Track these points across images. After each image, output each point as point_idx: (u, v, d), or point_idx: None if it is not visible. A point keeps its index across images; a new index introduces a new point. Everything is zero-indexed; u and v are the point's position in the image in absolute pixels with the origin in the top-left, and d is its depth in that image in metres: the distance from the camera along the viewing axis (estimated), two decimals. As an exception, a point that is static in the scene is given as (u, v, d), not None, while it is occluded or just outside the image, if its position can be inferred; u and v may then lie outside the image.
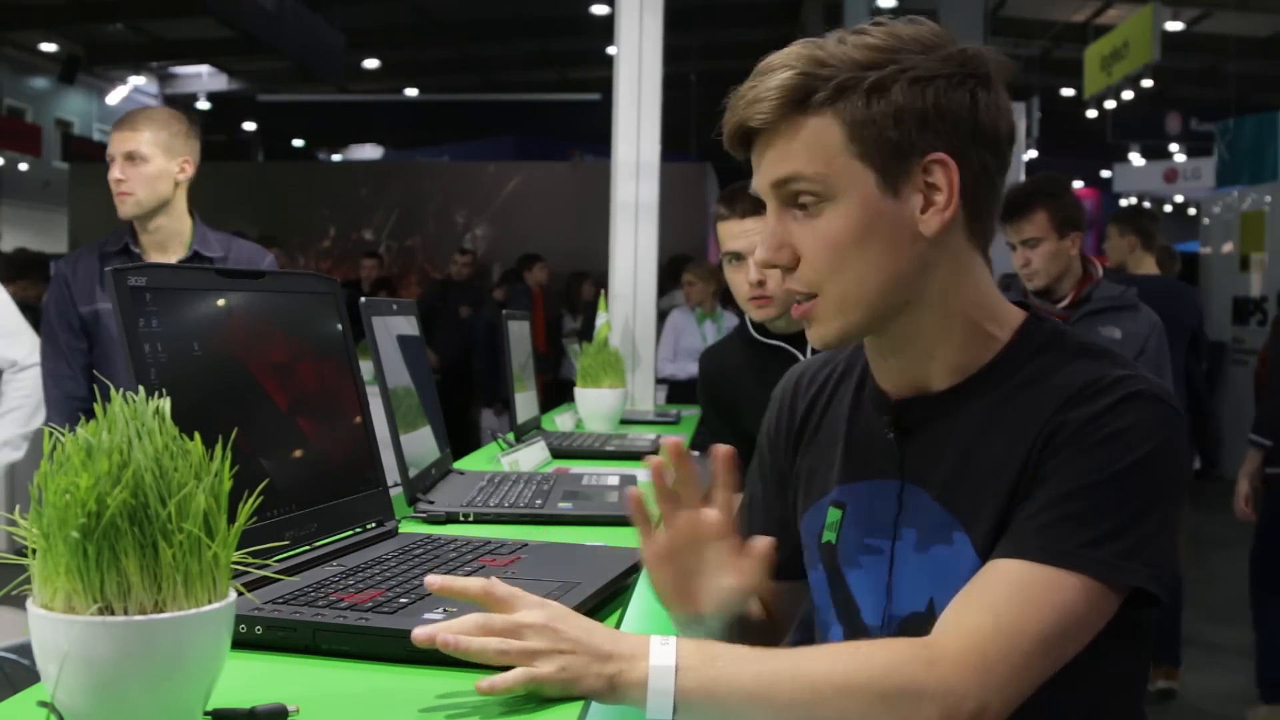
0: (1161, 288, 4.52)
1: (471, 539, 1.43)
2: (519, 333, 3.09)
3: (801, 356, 2.43)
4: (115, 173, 2.77)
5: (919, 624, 1.12)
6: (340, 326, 1.48)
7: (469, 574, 1.25)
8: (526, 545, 1.42)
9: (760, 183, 1.12)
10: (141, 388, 0.84)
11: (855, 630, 1.21)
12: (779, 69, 1.08)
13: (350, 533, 1.40)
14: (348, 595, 1.12)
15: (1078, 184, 28.22)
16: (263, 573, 0.98)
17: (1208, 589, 5.42)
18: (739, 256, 2.29)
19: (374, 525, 1.45)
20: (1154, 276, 4.71)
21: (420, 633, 0.97)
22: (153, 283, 1.15)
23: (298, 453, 1.33)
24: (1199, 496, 4.96)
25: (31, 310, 7.80)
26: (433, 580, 1.03)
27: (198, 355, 1.20)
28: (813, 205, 1.08)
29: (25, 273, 8.11)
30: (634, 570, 1.36)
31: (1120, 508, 1.02)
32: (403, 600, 1.11)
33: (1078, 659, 1.03)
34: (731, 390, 2.49)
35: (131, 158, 2.76)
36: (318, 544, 1.32)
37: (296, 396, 1.35)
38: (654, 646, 0.99)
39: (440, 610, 1.09)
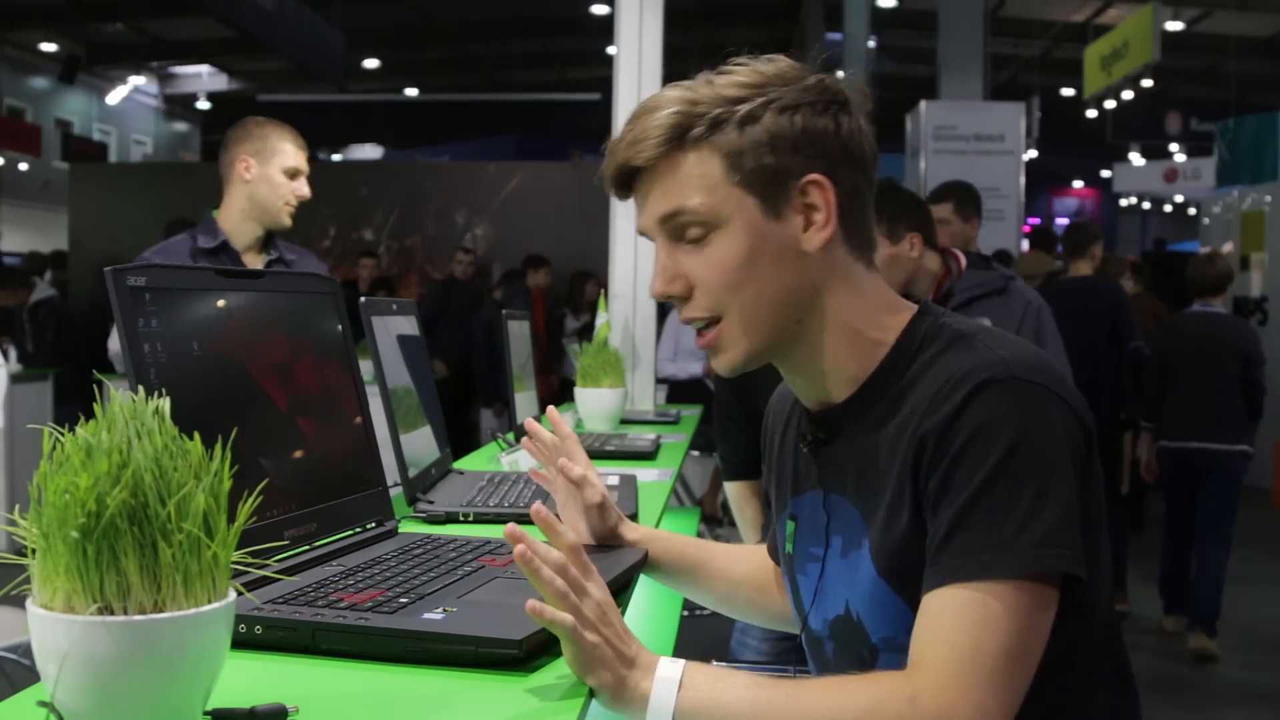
0: (1074, 286, 5.27)
1: (471, 539, 1.43)
2: (519, 333, 3.09)
3: None
4: (306, 190, 2.96)
5: (843, 625, 1.20)
6: (340, 326, 1.48)
7: (468, 574, 1.25)
8: None
9: (646, 221, 1.18)
10: (141, 388, 0.84)
11: (808, 633, 1.29)
12: (654, 111, 1.14)
13: (350, 532, 1.40)
14: (347, 595, 1.12)
15: (1077, 183, 28.25)
16: (262, 572, 0.98)
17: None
18: None
19: (374, 525, 1.45)
20: (1071, 278, 5.38)
21: (537, 510, 1.05)
22: (152, 283, 1.15)
23: (297, 453, 1.33)
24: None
25: (9, 316, 7.81)
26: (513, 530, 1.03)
27: (198, 355, 1.20)
28: (701, 236, 1.14)
29: (3, 283, 8.15)
30: (634, 570, 1.36)
31: (1015, 501, 1.03)
32: (402, 600, 1.11)
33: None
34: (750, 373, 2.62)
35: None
36: (318, 544, 1.32)
37: (296, 396, 1.34)
38: (664, 662, 1.03)
39: (440, 610, 1.09)
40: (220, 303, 1.26)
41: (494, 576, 1.25)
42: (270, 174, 2.94)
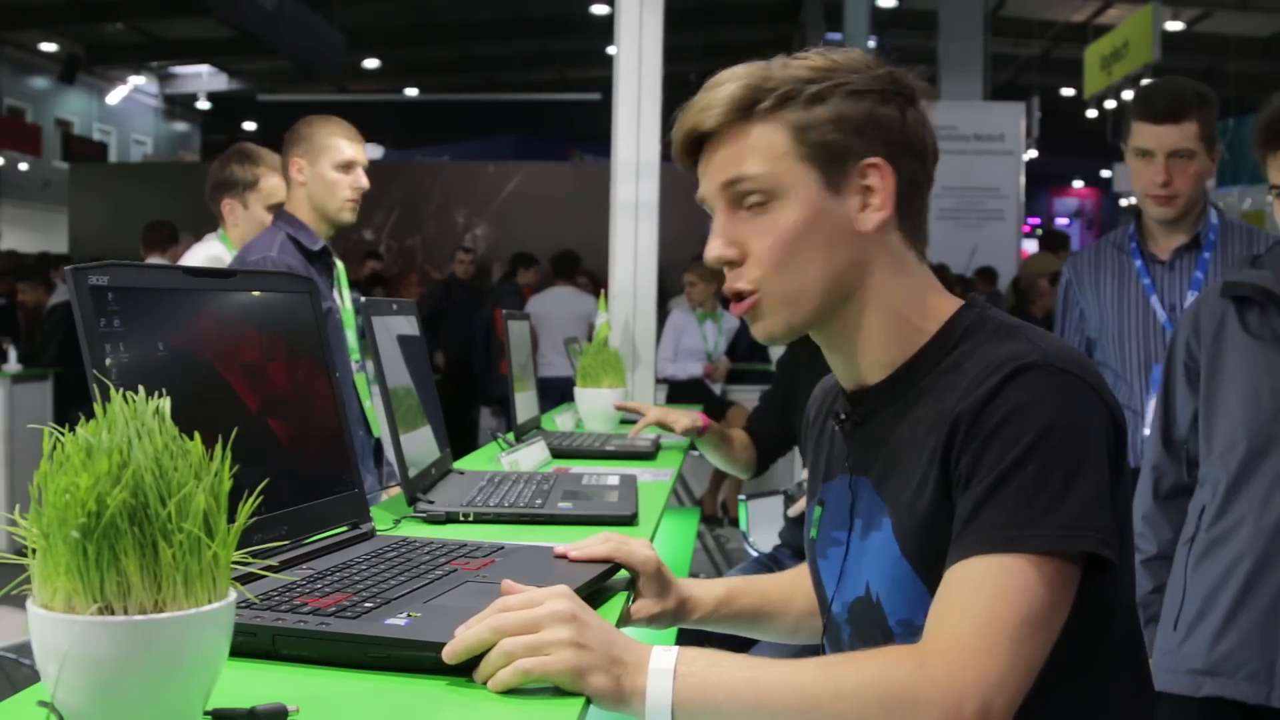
0: None
1: (448, 541, 1.42)
2: (518, 332, 3.09)
3: None
4: (364, 181, 2.98)
5: (863, 608, 1.19)
6: (315, 326, 1.45)
7: (439, 578, 1.23)
8: (502, 548, 1.40)
9: (709, 186, 1.20)
10: (97, 389, 0.82)
11: (827, 618, 1.28)
12: (726, 82, 1.17)
13: (323, 535, 1.37)
14: (312, 600, 1.10)
15: (1077, 183, 28.26)
16: (248, 568, 0.98)
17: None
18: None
19: (348, 528, 1.43)
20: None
21: (447, 650, 0.99)
22: (115, 282, 1.11)
23: (267, 455, 1.29)
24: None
25: (24, 312, 7.69)
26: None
27: (163, 356, 1.16)
28: (760, 204, 1.16)
29: (25, 275, 8.08)
30: (609, 574, 1.32)
31: (1045, 482, 1.03)
32: (367, 605, 1.09)
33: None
34: (794, 379, 2.91)
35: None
36: (288, 548, 1.28)
37: (267, 397, 1.31)
38: (655, 653, 1.01)
39: (404, 615, 1.07)
40: (188, 302, 1.23)
41: (464, 580, 1.23)
42: (322, 172, 2.91)
